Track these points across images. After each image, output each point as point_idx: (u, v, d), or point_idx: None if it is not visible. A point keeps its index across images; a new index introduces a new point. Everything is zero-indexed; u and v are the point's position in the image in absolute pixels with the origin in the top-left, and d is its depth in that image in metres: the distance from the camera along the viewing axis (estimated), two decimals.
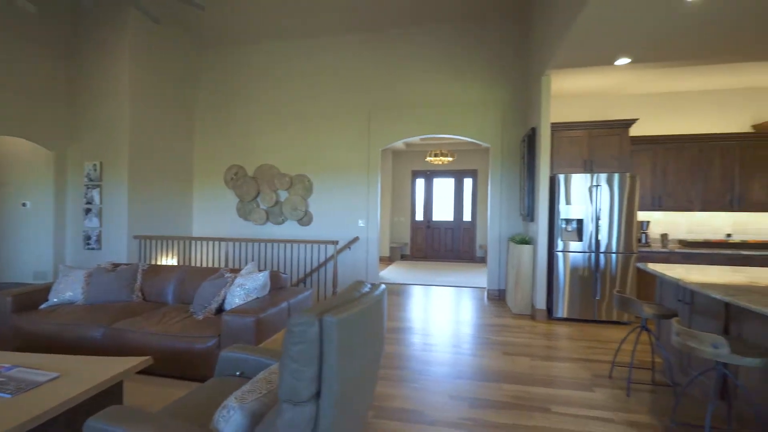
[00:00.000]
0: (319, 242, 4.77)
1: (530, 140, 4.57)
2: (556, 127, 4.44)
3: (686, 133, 4.57)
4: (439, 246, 9.41)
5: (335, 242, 4.78)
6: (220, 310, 2.95)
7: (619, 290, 2.71)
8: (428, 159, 7.45)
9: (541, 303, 4.29)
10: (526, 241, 4.54)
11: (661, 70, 4.01)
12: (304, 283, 5.62)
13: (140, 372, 2.61)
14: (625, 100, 4.88)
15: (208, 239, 5.18)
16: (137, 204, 5.11)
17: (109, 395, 1.86)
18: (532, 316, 4.39)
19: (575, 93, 4.82)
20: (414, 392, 2.55)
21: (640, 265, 2.93)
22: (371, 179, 5.65)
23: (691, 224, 4.67)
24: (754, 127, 4.50)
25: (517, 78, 5.18)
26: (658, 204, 4.48)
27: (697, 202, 4.39)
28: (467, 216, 9.26)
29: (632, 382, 2.71)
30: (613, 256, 4.12)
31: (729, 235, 4.54)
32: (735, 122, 4.61)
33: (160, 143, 5.51)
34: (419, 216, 9.52)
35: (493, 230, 5.33)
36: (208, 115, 6.17)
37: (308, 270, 5.73)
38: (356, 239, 5.64)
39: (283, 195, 5.91)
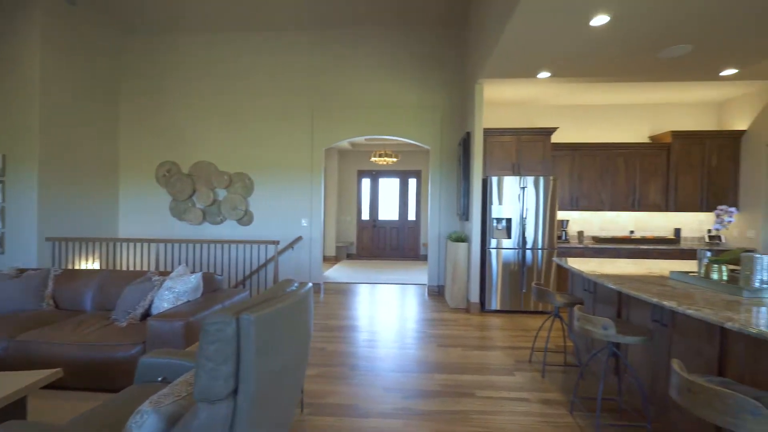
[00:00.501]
0: (259, 242, 4.67)
1: (466, 144, 4.85)
2: (489, 133, 4.76)
3: (597, 142, 5.14)
4: (385, 245, 9.59)
5: (276, 242, 4.70)
6: (146, 315, 2.79)
7: (537, 283, 3.00)
8: (373, 159, 7.57)
9: (475, 297, 4.58)
10: (462, 238, 4.81)
11: (577, 84, 4.46)
12: (244, 284, 5.45)
13: (52, 386, 2.39)
14: (549, 109, 5.35)
15: (136, 240, 4.83)
16: (50, 202, 4.62)
17: (9, 414, 1.70)
18: (467, 310, 4.67)
19: (506, 101, 5.20)
20: (350, 388, 2.62)
21: (556, 259, 3.27)
22: (315, 178, 5.63)
23: (603, 222, 5.26)
24: (650, 137, 5.18)
25: (456, 84, 5.47)
26: (575, 204, 4.99)
27: (606, 203, 4.96)
28: (412, 215, 9.54)
29: (547, 365, 3.01)
30: (538, 252, 4.52)
31: (632, 232, 5.18)
32: (636, 133, 5.27)
33: (79, 136, 5.02)
34: (365, 215, 9.62)
35: (433, 229, 5.57)
36: (136, 107, 5.73)
37: (249, 271, 5.57)
38: (299, 239, 5.58)
39: (222, 194, 5.67)
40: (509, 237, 4.55)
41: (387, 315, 4.42)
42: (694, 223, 5.14)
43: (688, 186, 4.84)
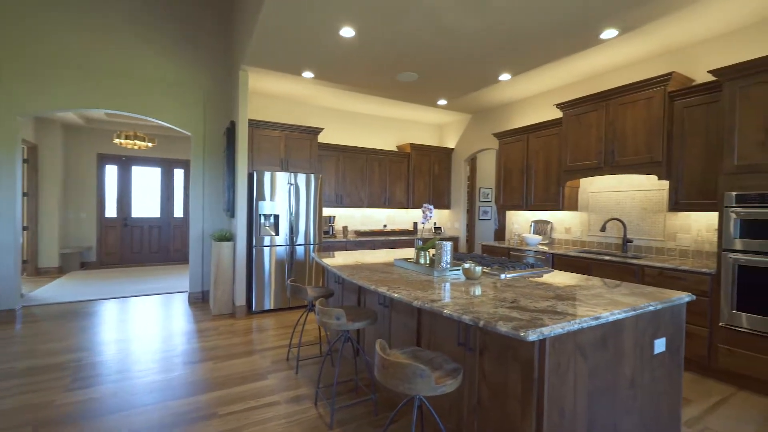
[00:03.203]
0: None
1: (231, 134, 4.44)
2: (257, 125, 4.52)
3: (359, 146, 5.75)
4: (142, 247, 7.87)
5: None
6: None
7: (292, 280, 3.00)
8: (117, 141, 5.99)
9: (241, 299, 4.27)
10: (226, 237, 4.39)
11: (341, 91, 4.82)
12: None
13: None
14: (317, 110, 5.60)
15: None
16: None
17: None
18: (233, 314, 4.30)
19: (276, 94, 5.09)
20: None
21: (314, 255, 3.38)
22: (5, 157, 3.91)
23: (363, 218, 5.95)
24: (397, 147, 6.23)
25: (222, 67, 4.94)
26: (340, 202, 5.42)
27: (365, 201, 5.62)
28: (179, 212, 8.20)
29: (302, 359, 3.07)
30: (307, 247, 4.64)
31: (385, 226, 6.10)
32: (388, 141, 6.23)
33: None
34: (111, 212, 7.59)
35: (195, 227, 4.88)
36: None
37: None
38: None
39: None
40: (277, 233, 4.47)
41: (128, 338, 3.52)
42: None
43: (421, 188, 6.09)
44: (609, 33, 3.19)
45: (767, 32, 2.93)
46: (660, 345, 1.78)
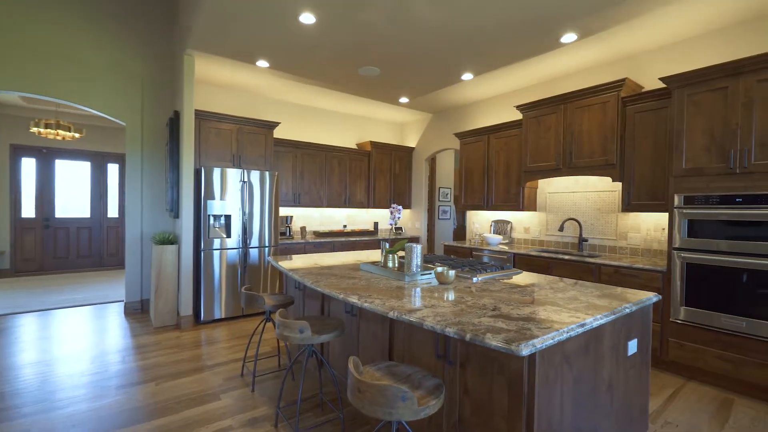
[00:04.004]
0: None
1: (174, 125, 4.00)
2: (205, 116, 4.12)
3: (317, 143, 5.50)
4: (69, 251, 6.97)
5: None
6: None
7: (247, 287, 2.72)
8: (34, 130, 5.21)
9: (186, 309, 3.86)
10: (169, 239, 3.95)
11: (299, 84, 4.54)
12: None
13: None
14: (273, 103, 5.26)
15: None
16: None
17: None
18: (178, 326, 3.88)
19: (228, 84, 4.69)
20: None
21: (270, 258, 3.11)
22: None
23: (322, 218, 5.70)
24: (357, 144, 6.05)
25: (164, 49, 4.44)
26: (298, 201, 5.13)
27: (325, 200, 5.38)
28: (113, 211, 7.38)
29: (259, 375, 2.80)
30: (262, 250, 4.31)
31: (345, 226, 5.90)
32: (347, 139, 6.02)
33: None
34: (28, 211, 6.63)
35: (133, 228, 4.35)
36: None
37: None
38: None
39: None
40: (229, 235, 4.11)
41: (41, 359, 3.01)
42: (385, 218, 6.41)
43: (382, 188, 5.95)
44: (569, 37, 3.25)
45: (713, 43, 3.14)
46: (633, 346, 1.78)
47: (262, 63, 3.88)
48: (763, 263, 2.44)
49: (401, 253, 3.31)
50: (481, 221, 5.12)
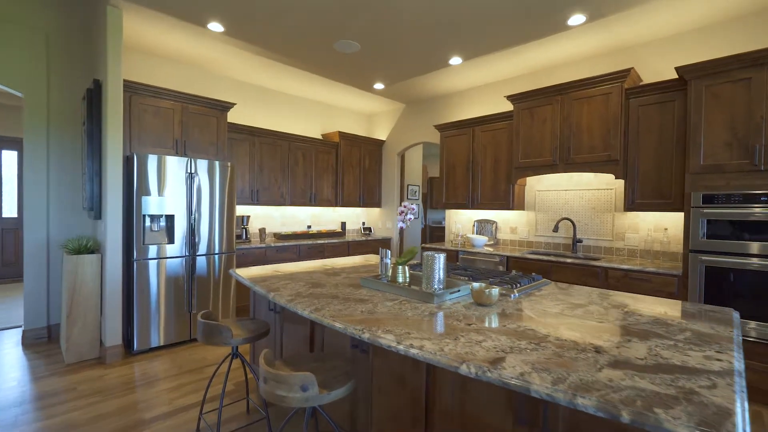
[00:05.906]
0: None
1: (94, 99, 3.08)
2: (137, 89, 3.24)
3: (280, 131, 4.76)
4: None
5: None
6: None
7: (205, 313, 2.01)
8: None
9: (114, 336, 2.99)
10: (88, 247, 3.04)
11: (257, 59, 3.80)
12: None
13: None
14: (227, 82, 4.43)
15: None
16: None
17: None
18: (101, 360, 2.99)
19: (169, 54, 3.80)
20: None
21: (232, 272, 2.41)
22: None
23: (284, 218, 4.97)
24: (323, 135, 5.39)
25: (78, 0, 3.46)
26: (256, 198, 4.37)
27: (287, 198, 4.66)
28: (10, 210, 5.94)
29: (223, 425, 2.11)
30: (212, 258, 3.53)
31: (309, 227, 5.22)
32: (311, 128, 5.34)
33: None
34: None
35: (34, 233, 3.33)
36: None
37: None
38: None
39: None
40: (172, 241, 3.28)
41: None
42: (353, 217, 5.83)
43: (351, 184, 5.36)
44: (577, 18, 2.95)
45: (726, 33, 3.01)
46: None
47: (216, 26, 3.12)
48: None
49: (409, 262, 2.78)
50: (462, 221, 4.76)
